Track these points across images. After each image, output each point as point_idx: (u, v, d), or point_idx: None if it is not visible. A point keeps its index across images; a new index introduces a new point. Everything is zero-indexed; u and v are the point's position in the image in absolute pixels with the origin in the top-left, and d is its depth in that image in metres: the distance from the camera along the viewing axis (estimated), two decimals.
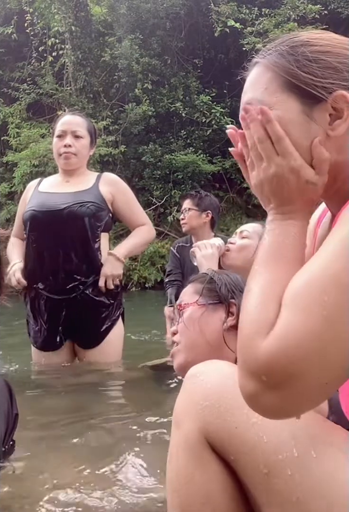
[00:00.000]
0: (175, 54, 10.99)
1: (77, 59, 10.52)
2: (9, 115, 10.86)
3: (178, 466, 0.93)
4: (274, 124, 0.85)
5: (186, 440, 0.91)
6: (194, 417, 0.91)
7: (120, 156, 10.12)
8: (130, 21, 10.54)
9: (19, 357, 3.28)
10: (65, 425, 2.02)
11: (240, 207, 10.73)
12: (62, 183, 2.94)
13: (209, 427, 0.89)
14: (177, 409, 0.96)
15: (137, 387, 2.65)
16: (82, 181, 2.92)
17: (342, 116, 0.87)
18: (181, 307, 1.59)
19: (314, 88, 0.87)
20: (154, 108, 10.23)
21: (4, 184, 10.38)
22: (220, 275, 1.62)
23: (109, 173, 3.25)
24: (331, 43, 0.91)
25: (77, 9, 10.34)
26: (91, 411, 2.24)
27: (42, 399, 2.43)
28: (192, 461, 0.90)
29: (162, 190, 10.25)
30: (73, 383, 2.65)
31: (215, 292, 1.56)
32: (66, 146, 2.86)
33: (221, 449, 0.89)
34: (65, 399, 2.45)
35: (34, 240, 2.82)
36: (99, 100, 10.72)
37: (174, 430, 0.95)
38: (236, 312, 1.52)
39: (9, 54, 11.80)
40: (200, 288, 1.58)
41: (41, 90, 10.95)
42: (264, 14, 10.28)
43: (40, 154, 9.24)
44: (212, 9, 10.22)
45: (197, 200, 3.86)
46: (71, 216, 2.77)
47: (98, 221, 2.84)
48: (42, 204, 2.83)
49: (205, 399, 0.91)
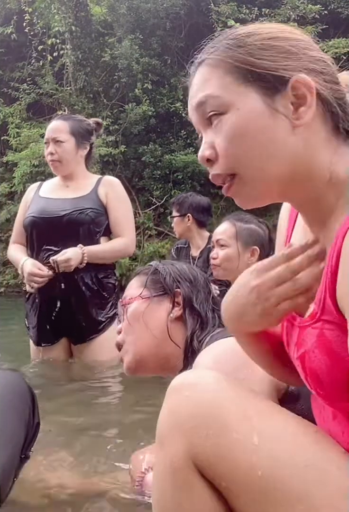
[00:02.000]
0: (175, 54, 10.97)
1: (77, 59, 10.50)
2: (9, 115, 10.84)
3: (163, 492, 0.85)
4: None
5: (171, 464, 0.83)
6: (180, 439, 0.83)
7: (120, 156, 10.11)
8: (130, 21, 10.52)
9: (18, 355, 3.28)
10: (62, 424, 2.02)
11: (240, 207, 10.72)
12: (62, 187, 2.94)
13: (197, 450, 0.82)
14: (161, 426, 0.88)
15: (134, 386, 2.64)
16: (81, 186, 2.93)
17: (305, 103, 0.81)
18: (124, 303, 1.51)
19: (272, 76, 0.81)
20: (154, 108, 10.22)
21: (4, 184, 10.36)
22: (165, 265, 1.55)
23: (110, 176, 3.24)
24: (276, 30, 0.86)
25: (77, 9, 10.32)
26: (85, 410, 2.23)
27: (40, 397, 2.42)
28: (179, 487, 0.82)
29: (162, 190, 10.23)
30: (70, 381, 2.66)
31: (159, 283, 1.50)
32: (49, 154, 2.88)
33: (211, 474, 0.82)
34: (61, 398, 2.44)
35: (34, 246, 2.82)
36: (99, 100, 10.70)
37: (159, 450, 0.87)
38: (181, 301, 1.47)
39: (9, 54, 11.78)
40: (144, 279, 1.51)
41: (41, 90, 10.93)
42: (264, 14, 10.26)
43: (40, 154, 9.21)
44: (212, 9, 10.21)
45: (176, 206, 3.89)
46: (70, 223, 2.78)
47: (97, 227, 2.85)
48: (42, 210, 2.84)
49: (191, 419, 0.83)
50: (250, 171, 0.84)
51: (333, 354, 0.78)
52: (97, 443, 1.84)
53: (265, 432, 0.82)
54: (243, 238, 2.48)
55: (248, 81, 0.83)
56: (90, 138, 3.03)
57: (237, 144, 0.84)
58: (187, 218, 3.78)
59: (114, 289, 2.95)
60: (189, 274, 1.54)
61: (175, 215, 3.85)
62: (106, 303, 2.87)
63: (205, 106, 0.86)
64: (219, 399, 0.84)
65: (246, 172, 0.85)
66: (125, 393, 2.59)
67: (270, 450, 0.80)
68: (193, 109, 0.89)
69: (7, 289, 9.07)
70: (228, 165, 0.85)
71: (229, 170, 0.86)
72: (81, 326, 2.82)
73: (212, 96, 0.84)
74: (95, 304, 2.83)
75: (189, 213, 3.78)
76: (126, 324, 1.49)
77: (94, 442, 1.85)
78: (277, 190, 0.86)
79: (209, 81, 0.85)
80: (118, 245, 2.92)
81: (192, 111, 0.90)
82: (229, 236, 2.52)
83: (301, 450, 0.80)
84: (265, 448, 0.80)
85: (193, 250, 3.84)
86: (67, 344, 2.90)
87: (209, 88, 0.85)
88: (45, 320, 2.81)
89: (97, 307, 2.84)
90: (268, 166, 0.83)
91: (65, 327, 2.82)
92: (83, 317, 2.80)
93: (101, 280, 2.86)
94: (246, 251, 2.49)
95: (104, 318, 2.85)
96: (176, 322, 1.45)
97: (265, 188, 0.86)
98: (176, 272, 1.52)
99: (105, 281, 2.89)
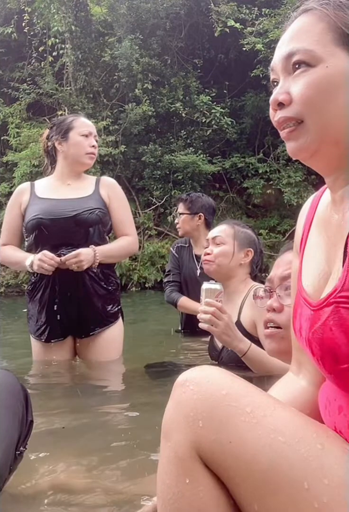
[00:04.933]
0: (175, 54, 10.98)
1: (77, 59, 10.51)
2: (9, 115, 10.85)
3: (168, 481, 0.87)
4: None
5: (176, 454, 0.86)
6: (184, 430, 0.86)
7: (120, 156, 10.11)
8: (130, 21, 10.53)
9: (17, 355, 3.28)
10: (61, 424, 2.02)
11: (240, 207, 10.73)
12: (62, 186, 2.92)
13: (201, 440, 0.84)
14: (166, 419, 0.91)
15: (137, 387, 2.65)
16: (82, 185, 2.94)
17: None
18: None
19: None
20: (154, 108, 10.23)
21: (4, 184, 10.37)
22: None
23: (106, 177, 3.28)
24: None
25: (77, 9, 10.32)
26: (89, 410, 2.24)
27: (39, 397, 2.43)
28: (183, 476, 0.85)
29: (162, 190, 10.24)
30: (71, 381, 2.66)
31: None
32: (93, 147, 2.93)
33: (214, 464, 0.84)
34: (61, 398, 2.45)
35: (41, 247, 2.80)
36: (99, 100, 10.71)
37: (164, 442, 0.90)
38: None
39: (9, 54, 11.79)
40: None
41: (41, 90, 10.93)
42: (264, 14, 10.27)
43: (40, 154, 9.19)
44: (212, 9, 10.22)
45: (188, 204, 3.90)
46: (80, 223, 2.80)
47: (104, 227, 2.90)
48: (49, 211, 2.82)
49: (195, 411, 0.86)
50: (318, 123, 0.89)
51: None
52: (98, 443, 1.84)
53: (267, 425, 0.84)
54: (240, 239, 2.59)
55: (344, 44, 0.87)
56: None
57: (316, 96, 0.88)
58: (198, 217, 3.84)
59: (118, 285, 3.00)
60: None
61: (185, 212, 3.87)
62: (111, 299, 2.91)
63: (294, 56, 0.90)
64: (223, 392, 0.87)
65: (314, 122, 0.89)
66: (127, 393, 2.60)
67: (272, 442, 0.82)
68: (281, 55, 0.93)
69: (7, 289, 9.09)
70: (301, 110, 0.90)
71: (299, 115, 0.90)
72: (87, 319, 2.84)
73: (306, 49, 0.88)
74: (101, 298, 2.86)
75: (202, 212, 3.85)
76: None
77: (95, 442, 1.86)
78: (322, 150, 0.91)
79: (308, 33, 0.89)
80: (126, 244, 2.98)
81: (279, 56, 0.94)
82: (227, 235, 2.61)
83: (302, 442, 0.82)
84: (268, 439, 0.82)
85: (196, 249, 3.86)
86: (72, 343, 2.91)
87: (306, 40, 0.89)
88: (54, 316, 2.81)
89: (103, 301, 2.88)
90: (333, 126, 0.89)
91: (72, 321, 2.83)
92: (89, 310, 2.83)
93: (107, 274, 2.91)
94: (241, 251, 2.59)
95: (109, 313, 2.88)
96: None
97: (319, 143, 0.90)
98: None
99: (111, 276, 2.95)
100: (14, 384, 1.36)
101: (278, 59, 0.94)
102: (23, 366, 3.02)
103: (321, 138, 0.89)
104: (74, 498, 1.41)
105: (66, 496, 1.42)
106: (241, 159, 10.48)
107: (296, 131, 0.91)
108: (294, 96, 0.90)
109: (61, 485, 1.47)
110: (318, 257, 0.96)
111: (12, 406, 1.31)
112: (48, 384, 2.64)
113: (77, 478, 1.52)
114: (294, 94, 0.90)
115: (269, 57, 10.31)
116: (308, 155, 0.92)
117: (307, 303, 0.94)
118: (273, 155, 10.52)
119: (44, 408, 2.24)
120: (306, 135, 0.90)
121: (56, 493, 1.43)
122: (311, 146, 0.91)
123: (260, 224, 10.29)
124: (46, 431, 1.93)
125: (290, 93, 0.91)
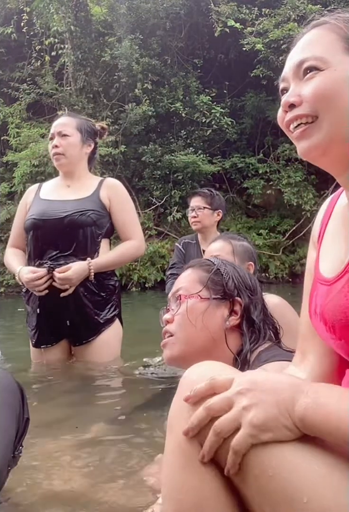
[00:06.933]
0: (175, 54, 10.98)
1: (77, 59, 10.51)
2: (9, 115, 10.85)
3: (171, 472, 0.90)
4: None
5: (179, 445, 0.89)
6: (187, 421, 0.88)
7: (120, 156, 10.12)
8: (130, 21, 10.53)
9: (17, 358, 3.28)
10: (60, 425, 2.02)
11: (240, 207, 10.73)
12: (62, 188, 2.91)
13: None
14: (172, 412, 0.94)
15: (135, 387, 2.65)
16: (83, 187, 2.89)
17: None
18: (181, 296, 1.46)
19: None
20: (154, 108, 10.23)
21: (4, 184, 10.37)
22: (227, 267, 1.49)
23: (111, 178, 3.20)
24: None
25: (77, 9, 10.33)
26: (87, 412, 2.24)
27: (38, 398, 2.43)
28: (185, 466, 0.88)
29: (162, 190, 10.25)
30: (68, 383, 2.65)
31: (220, 286, 1.44)
32: (54, 147, 2.86)
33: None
34: (60, 398, 2.45)
35: (35, 248, 2.80)
36: (99, 100, 10.72)
37: (168, 435, 0.93)
38: (240, 311, 1.42)
39: (9, 54, 11.79)
40: (204, 278, 1.45)
41: (41, 90, 10.94)
42: (264, 14, 10.28)
43: (40, 154, 9.23)
44: (212, 9, 10.22)
45: (210, 199, 3.88)
46: (71, 224, 2.76)
47: (99, 229, 2.82)
48: (43, 212, 2.80)
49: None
50: (330, 119, 0.93)
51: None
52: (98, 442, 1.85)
53: None
54: (239, 254, 2.57)
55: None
56: (95, 137, 3.02)
57: (326, 93, 0.93)
58: (217, 214, 3.85)
59: (115, 290, 2.92)
60: (250, 282, 1.48)
61: (207, 207, 3.87)
62: (105, 304, 2.84)
63: (305, 63, 0.97)
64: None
65: (328, 117, 0.93)
66: (124, 395, 2.59)
67: None
68: (293, 64, 0.99)
69: (7, 289, 9.08)
70: (315, 106, 0.94)
71: (313, 111, 0.95)
72: (79, 327, 2.81)
73: (316, 56, 0.95)
74: (93, 306, 2.80)
75: (221, 209, 3.87)
76: (182, 318, 1.43)
77: (95, 441, 1.86)
78: (333, 148, 0.95)
79: (319, 43, 0.96)
80: (130, 249, 2.92)
81: (290, 65, 1.00)
82: (227, 252, 2.58)
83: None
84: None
85: (205, 245, 3.84)
86: (67, 346, 2.88)
87: (316, 49, 0.96)
88: (44, 322, 2.80)
89: (95, 308, 2.82)
90: (343, 124, 0.93)
91: (64, 328, 2.81)
92: (81, 318, 2.78)
93: (101, 281, 2.84)
94: (243, 266, 2.57)
95: (103, 319, 2.82)
96: (231, 330, 1.41)
97: (330, 141, 0.94)
98: (238, 278, 1.46)
99: (106, 282, 2.86)
100: (11, 382, 1.38)
101: (289, 68, 1.00)
102: (22, 366, 3.02)
103: (332, 136, 0.93)
104: (73, 498, 1.41)
105: (63, 496, 1.42)
106: (241, 159, 10.48)
107: (309, 129, 0.95)
108: (305, 96, 0.95)
109: (58, 485, 1.47)
110: (336, 248, 1.01)
111: (11, 404, 1.33)
112: (45, 384, 2.65)
113: (74, 477, 1.52)
114: (305, 95, 0.95)
115: (269, 57, 10.33)
116: (319, 154, 0.96)
117: (323, 282, 1.00)
118: (273, 155, 10.53)
119: (41, 406, 2.24)
120: (319, 132, 0.94)
121: (53, 494, 1.43)
122: (323, 144, 0.94)
123: (260, 224, 10.30)
124: (41, 429, 1.93)
125: (301, 95, 0.96)
